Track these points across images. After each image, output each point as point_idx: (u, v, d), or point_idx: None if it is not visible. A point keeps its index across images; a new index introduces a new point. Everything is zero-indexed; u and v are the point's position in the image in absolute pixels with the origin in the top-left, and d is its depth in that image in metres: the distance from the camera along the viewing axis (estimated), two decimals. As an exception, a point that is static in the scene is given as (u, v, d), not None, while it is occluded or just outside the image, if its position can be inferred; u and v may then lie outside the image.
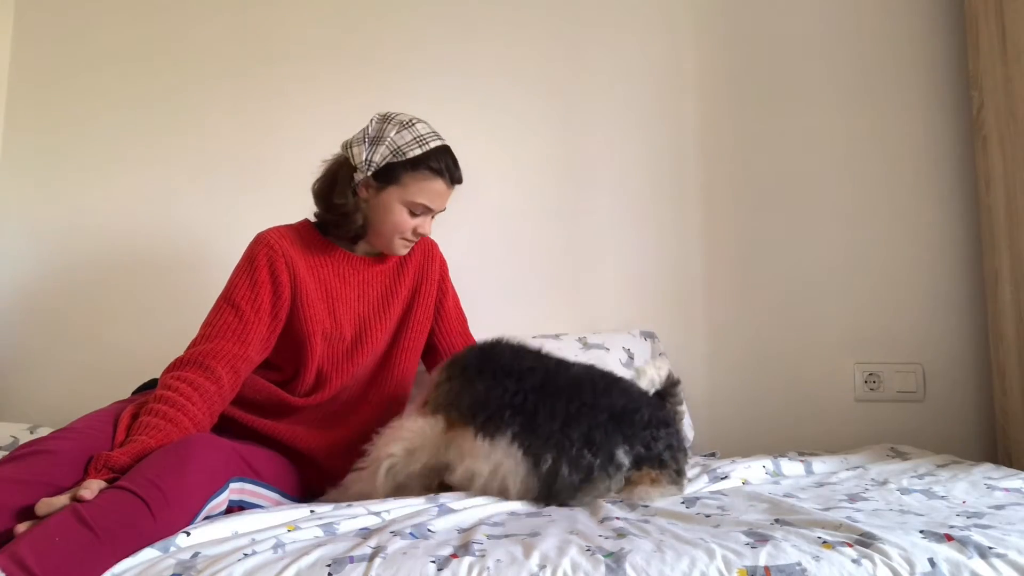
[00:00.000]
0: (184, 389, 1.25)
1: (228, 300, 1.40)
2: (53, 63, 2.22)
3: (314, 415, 1.47)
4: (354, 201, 1.47)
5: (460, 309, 1.71)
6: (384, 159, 1.43)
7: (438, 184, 1.46)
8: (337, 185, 1.47)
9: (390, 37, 2.15)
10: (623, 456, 1.24)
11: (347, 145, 1.49)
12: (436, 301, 1.63)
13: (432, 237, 1.63)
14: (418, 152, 1.43)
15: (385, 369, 1.55)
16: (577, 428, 1.22)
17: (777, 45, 2.06)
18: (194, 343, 1.37)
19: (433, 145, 1.45)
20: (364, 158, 1.44)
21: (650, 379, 1.44)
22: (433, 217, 1.52)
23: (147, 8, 2.21)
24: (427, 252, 1.63)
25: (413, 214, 1.47)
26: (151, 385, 1.48)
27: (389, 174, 1.44)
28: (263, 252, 1.43)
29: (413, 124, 1.46)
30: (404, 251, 1.53)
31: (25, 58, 2.22)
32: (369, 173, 1.45)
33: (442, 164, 1.46)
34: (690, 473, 1.38)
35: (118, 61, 2.19)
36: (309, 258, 1.48)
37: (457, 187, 1.53)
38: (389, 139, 1.44)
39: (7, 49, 2.22)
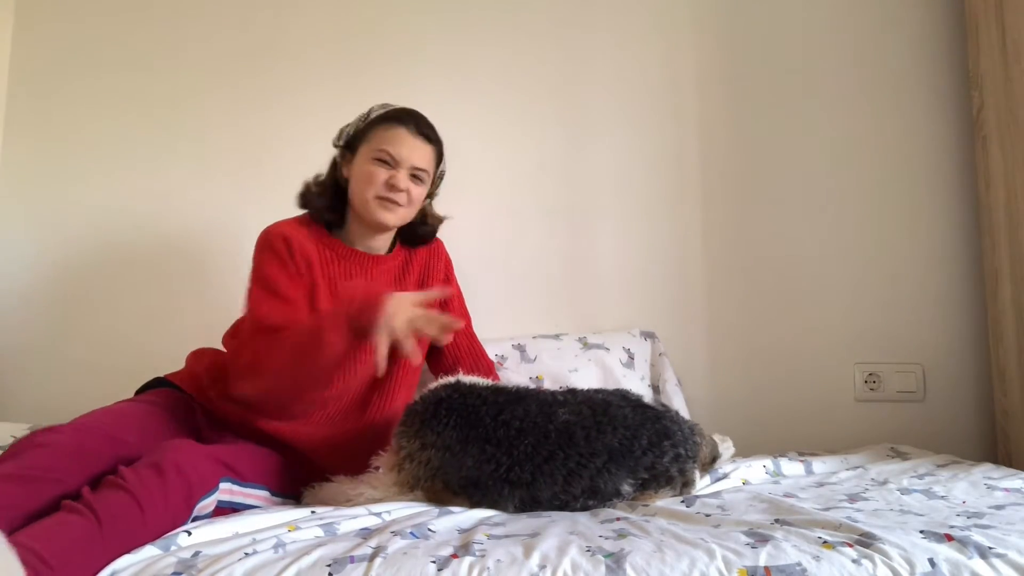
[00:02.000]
0: None
1: (273, 294, 1.38)
2: (53, 63, 2.21)
3: (318, 415, 1.46)
4: (333, 176, 1.54)
5: (465, 309, 1.70)
6: (353, 128, 1.54)
7: (399, 130, 1.48)
8: (323, 177, 1.58)
9: (391, 38, 2.14)
10: (628, 488, 1.24)
11: (333, 141, 1.58)
12: (441, 301, 1.61)
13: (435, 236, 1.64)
14: (381, 112, 1.52)
15: (390, 369, 1.52)
16: (579, 483, 1.20)
17: (777, 45, 2.06)
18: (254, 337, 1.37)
19: (398, 107, 1.53)
20: (339, 136, 1.56)
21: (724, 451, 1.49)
22: (414, 177, 1.49)
23: (147, 8, 2.20)
24: (433, 249, 1.63)
25: (382, 163, 1.46)
26: (154, 384, 1.48)
27: (358, 138, 1.51)
28: (281, 242, 1.44)
29: (385, 104, 1.55)
30: (387, 215, 1.47)
31: (25, 58, 2.22)
32: (342, 143, 1.54)
33: (403, 115, 1.50)
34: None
35: (118, 60, 2.19)
36: (318, 252, 1.49)
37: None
38: (360, 115, 1.55)
39: (7, 49, 2.22)
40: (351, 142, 1.52)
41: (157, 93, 2.17)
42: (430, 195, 1.60)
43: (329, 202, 1.52)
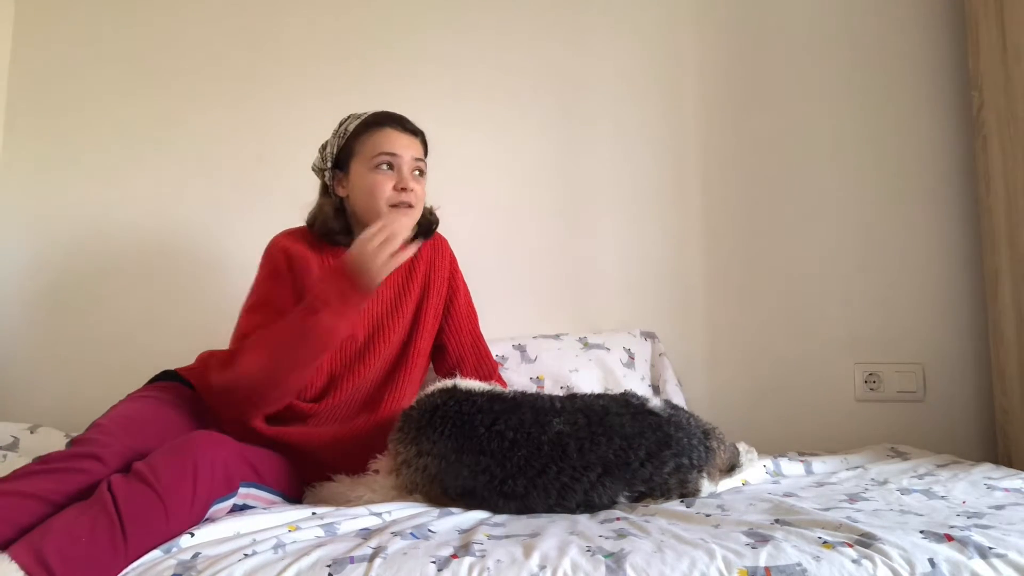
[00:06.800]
0: None
1: (268, 304, 1.39)
2: (53, 63, 2.22)
3: (326, 418, 1.45)
4: (332, 200, 1.51)
5: (471, 307, 1.67)
6: (335, 147, 1.50)
7: (386, 132, 1.47)
8: (320, 201, 1.54)
9: (390, 37, 2.14)
10: (624, 501, 1.22)
11: (313, 166, 1.55)
12: (446, 298, 1.61)
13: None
14: (356, 123, 1.49)
15: (399, 370, 1.52)
16: (573, 497, 1.18)
17: (777, 45, 2.06)
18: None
19: (372, 112, 1.50)
20: (322, 158, 1.52)
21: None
22: (417, 173, 1.48)
23: (147, 8, 2.21)
24: (437, 248, 1.62)
25: (385, 168, 1.45)
26: (163, 377, 1.47)
27: (345, 155, 1.48)
28: (281, 256, 1.44)
29: (354, 115, 1.52)
30: (407, 221, 1.44)
31: (25, 58, 2.22)
32: (330, 166, 1.50)
33: (382, 117, 1.49)
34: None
35: (118, 61, 2.19)
36: (319, 260, 1.47)
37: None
38: (333, 134, 1.52)
39: (7, 49, 2.22)
40: (338, 161, 1.50)
41: (156, 96, 2.17)
42: None
43: (342, 225, 1.49)
